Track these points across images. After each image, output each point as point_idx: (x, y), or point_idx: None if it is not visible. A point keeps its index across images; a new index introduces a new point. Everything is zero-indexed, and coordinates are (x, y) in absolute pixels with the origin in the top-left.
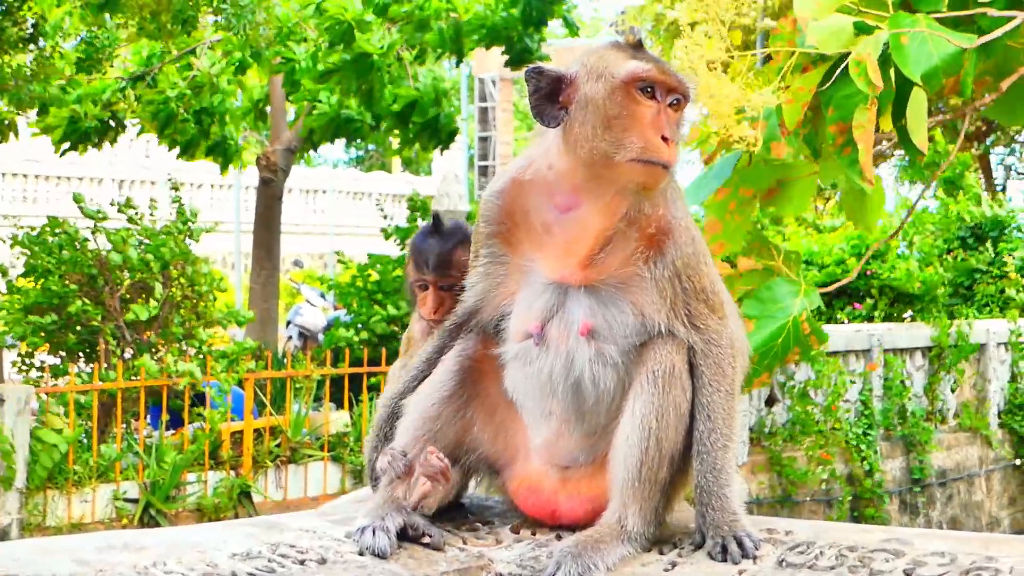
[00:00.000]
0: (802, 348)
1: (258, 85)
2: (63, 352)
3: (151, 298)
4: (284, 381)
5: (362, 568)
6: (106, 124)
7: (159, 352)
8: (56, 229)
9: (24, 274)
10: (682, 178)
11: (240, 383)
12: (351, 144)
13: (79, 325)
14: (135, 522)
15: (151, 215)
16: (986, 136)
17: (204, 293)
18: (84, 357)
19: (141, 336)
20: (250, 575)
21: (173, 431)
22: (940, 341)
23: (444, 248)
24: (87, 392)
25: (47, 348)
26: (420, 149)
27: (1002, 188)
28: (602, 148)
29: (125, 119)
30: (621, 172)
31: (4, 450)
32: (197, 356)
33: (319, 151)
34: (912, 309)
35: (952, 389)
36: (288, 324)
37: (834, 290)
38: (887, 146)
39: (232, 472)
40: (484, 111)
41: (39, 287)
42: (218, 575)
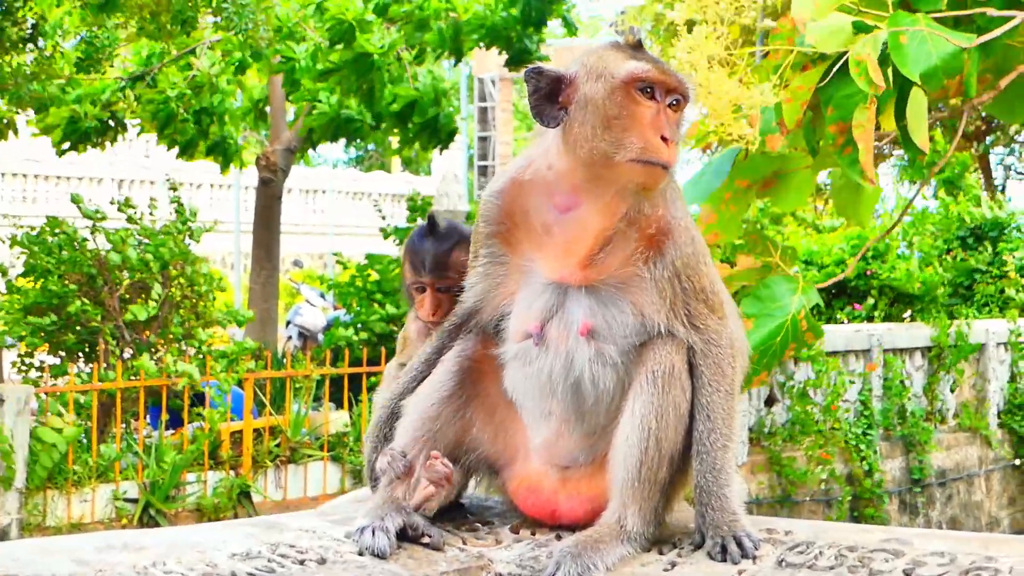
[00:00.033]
0: (799, 344)
1: (258, 85)
2: (62, 352)
3: (149, 298)
4: (284, 381)
5: (362, 568)
6: (106, 124)
7: (158, 352)
8: (55, 229)
9: (24, 274)
10: (681, 177)
11: (240, 383)
12: (351, 144)
13: (78, 325)
14: (135, 522)
15: (151, 215)
16: (985, 136)
17: (204, 293)
18: (83, 357)
19: (140, 336)
20: (250, 575)
21: (173, 431)
22: (940, 341)
23: (441, 250)
24: (87, 392)
25: (47, 348)
26: (420, 149)
27: (1002, 188)
28: (602, 148)
29: (125, 119)
30: (621, 172)
31: (4, 450)
32: (197, 356)
33: (319, 151)
34: (912, 309)
35: (952, 389)
36: (288, 324)
37: (833, 289)
38: (884, 142)
39: (232, 472)
40: (484, 111)
41: (38, 287)
42: (218, 575)
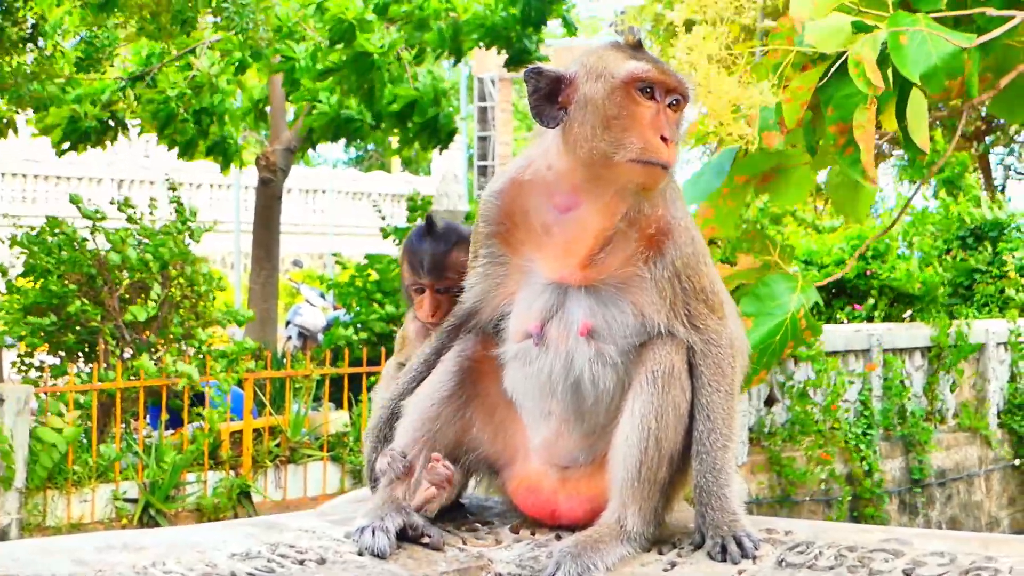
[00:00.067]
0: (797, 343)
1: (258, 85)
2: (62, 352)
3: (149, 298)
4: (283, 381)
5: (361, 568)
6: (106, 124)
7: (158, 352)
8: (55, 229)
9: (23, 274)
10: (681, 177)
11: (239, 383)
12: (351, 144)
13: (78, 325)
14: (134, 522)
15: (151, 215)
16: (985, 136)
17: (204, 293)
18: (83, 357)
19: (140, 336)
20: (249, 575)
21: (172, 431)
22: (939, 341)
23: (439, 251)
24: (86, 392)
25: (46, 348)
26: (419, 149)
27: (1002, 188)
28: (601, 148)
29: (125, 119)
30: (620, 172)
31: (3, 450)
32: (196, 356)
33: (318, 151)
34: (912, 309)
35: (951, 389)
36: (288, 324)
37: (833, 289)
38: (884, 140)
39: (231, 472)
40: (483, 111)
41: (38, 287)
42: (217, 575)
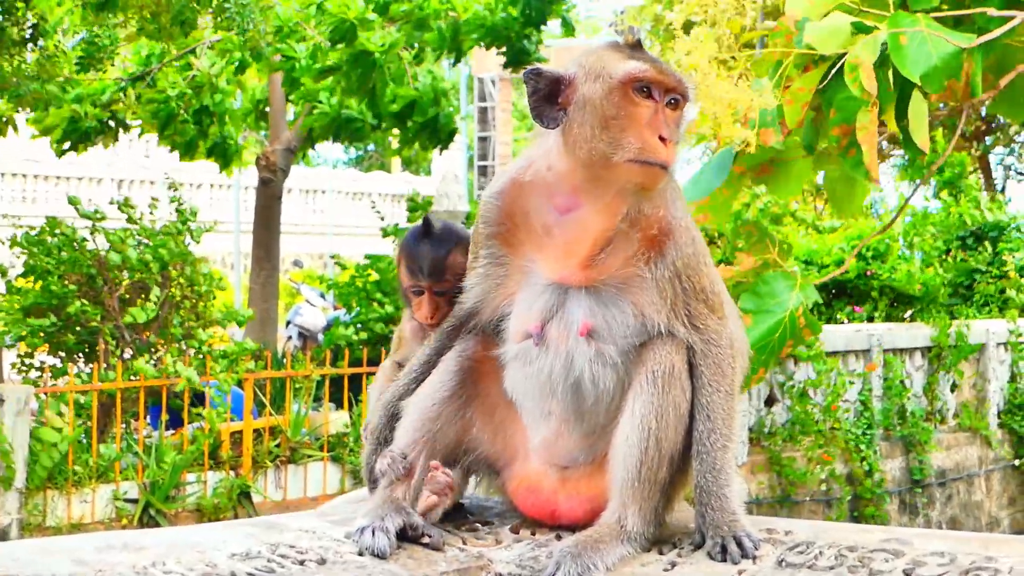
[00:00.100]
0: (796, 341)
1: (258, 85)
2: (62, 352)
3: (149, 299)
4: (284, 381)
5: (361, 568)
6: (106, 124)
7: (158, 352)
8: (55, 229)
9: (23, 274)
10: (681, 177)
11: (240, 383)
12: (351, 144)
13: (78, 325)
14: (135, 522)
15: (151, 215)
16: (985, 136)
17: (204, 293)
18: (83, 357)
19: (140, 336)
20: (249, 575)
21: (173, 431)
22: (940, 341)
23: (438, 253)
24: (87, 392)
25: (46, 348)
26: (419, 149)
27: (1002, 189)
28: (600, 149)
29: (125, 119)
30: (620, 173)
31: (4, 450)
32: (196, 356)
33: (318, 151)
34: (912, 310)
35: (952, 389)
36: (288, 324)
37: (834, 289)
38: (883, 138)
39: (232, 472)
40: (483, 111)
41: (38, 287)
42: (217, 575)
